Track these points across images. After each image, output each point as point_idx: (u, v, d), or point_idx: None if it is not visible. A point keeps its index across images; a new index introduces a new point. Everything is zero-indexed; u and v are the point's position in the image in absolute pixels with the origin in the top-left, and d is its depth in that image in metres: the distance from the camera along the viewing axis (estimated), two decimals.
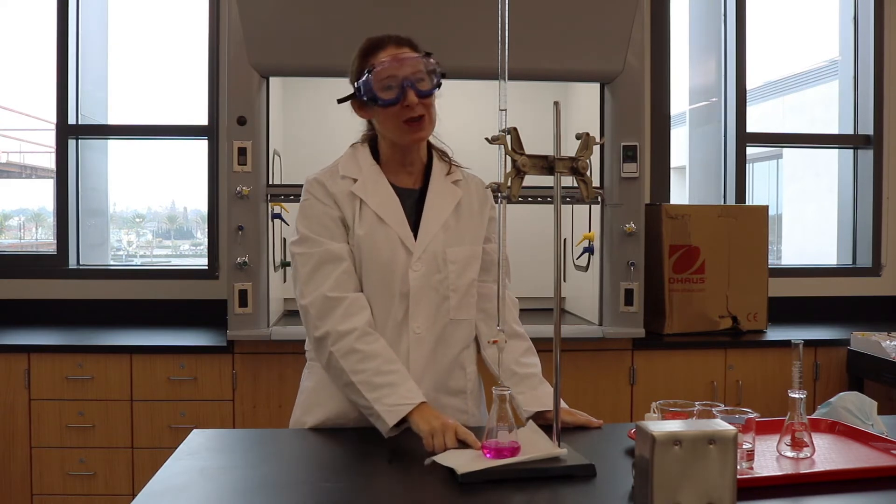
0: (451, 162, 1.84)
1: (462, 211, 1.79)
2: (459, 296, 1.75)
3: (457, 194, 1.78)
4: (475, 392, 1.84)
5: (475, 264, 1.78)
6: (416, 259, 1.71)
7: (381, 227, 1.71)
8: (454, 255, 1.74)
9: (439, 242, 1.74)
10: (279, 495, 1.31)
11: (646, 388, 3.19)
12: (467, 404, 1.80)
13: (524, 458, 1.39)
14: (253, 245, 2.99)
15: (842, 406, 1.77)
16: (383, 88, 1.67)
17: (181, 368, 3.08)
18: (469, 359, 1.82)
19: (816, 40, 7.65)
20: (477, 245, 1.79)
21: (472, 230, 1.79)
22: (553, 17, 3.00)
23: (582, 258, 3.42)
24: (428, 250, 1.72)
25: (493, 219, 1.84)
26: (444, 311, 1.74)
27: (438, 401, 1.74)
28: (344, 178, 1.75)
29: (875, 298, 4.03)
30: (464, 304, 1.77)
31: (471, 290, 1.78)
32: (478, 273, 1.80)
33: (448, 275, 1.73)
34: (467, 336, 1.80)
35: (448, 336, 1.75)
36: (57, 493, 3.06)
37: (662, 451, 1.13)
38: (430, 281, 1.72)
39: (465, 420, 1.77)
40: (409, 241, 1.72)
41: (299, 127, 3.56)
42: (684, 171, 4.42)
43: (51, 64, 3.74)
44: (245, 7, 2.93)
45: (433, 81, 1.69)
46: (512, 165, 1.42)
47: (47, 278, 3.72)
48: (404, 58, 1.66)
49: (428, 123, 1.71)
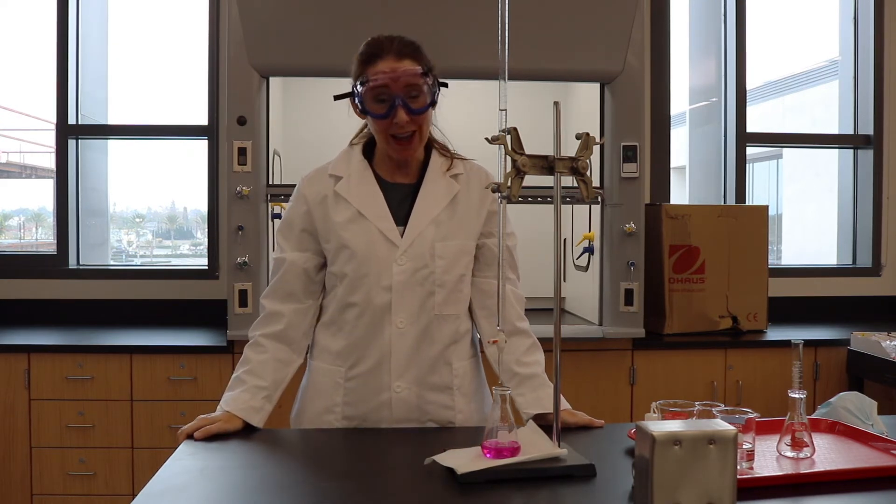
0: (452, 156, 1.83)
1: (458, 206, 1.77)
2: (446, 291, 1.74)
3: (453, 189, 1.77)
4: (465, 388, 1.80)
5: (465, 259, 1.77)
6: (402, 253, 1.72)
7: (360, 222, 1.73)
8: (443, 250, 1.73)
9: (428, 237, 1.73)
10: (279, 495, 1.31)
11: (646, 388, 3.19)
12: (454, 400, 1.77)
13: (524, 458, 1.39)
14: (253, 245, 2.99)
15: (842, 406, 1.77)
16: (375, 101, 1.67)
17: (181, 368, 3.08)
18: (458, 354, 1.79)
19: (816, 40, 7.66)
20: (470, 240, 1.78)
21: (467, 225, 1.77)
22: (553, 17, 3.00)
23: (582, 258, 3.42)
24: (415, 244, 1.72)
25: (494, 212, 1.81)
26: (429, 306, 1.73)
27: (423, 396, 1.74)
28: (331, 176, 1.78)
29: (875, 298, 4.03)
30: (451, 299, 1.75)
31: (459, 286, 1.76)
32: (468, 268, 1.78)
33: (435, 269, 1.73)
34: (454, 332, 1.77)
35: (433, 331, 1.74)
36: (57, 493, 3.06)
37: (662, 451, 1.13)
38: (416, 275, 1.72)
39: (452, 416, 1.77)
40: (392, 235, 1.72)
41: (299, 127, 3.56)
42: (684, 171, 4.42)
43: (51, 64, 3.74)
44: (245, 7, 2.93)
45: (429, 98, 1.68)
46: (512, 165, 1.41)
47: (47, 278, 3.72)
48: (399, 74, 1.64)
49: (418, 140, 1.72)
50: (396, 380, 1.72)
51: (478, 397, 1.83)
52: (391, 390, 1.72)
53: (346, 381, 1.75)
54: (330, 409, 1.76)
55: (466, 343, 1.82)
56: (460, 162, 1.82)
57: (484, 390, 1.87)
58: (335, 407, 1.75)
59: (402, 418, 1.73)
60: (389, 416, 1.73)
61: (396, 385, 1.72)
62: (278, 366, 1.75)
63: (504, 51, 1.45)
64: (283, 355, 1.76)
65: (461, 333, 1.79)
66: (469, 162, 1.84)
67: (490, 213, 1.81)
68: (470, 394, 1.81)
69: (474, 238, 1.79)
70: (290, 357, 1.78)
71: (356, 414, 1.75)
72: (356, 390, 1.74)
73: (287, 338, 1.77)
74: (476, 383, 1.84)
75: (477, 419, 1.81)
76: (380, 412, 1.73)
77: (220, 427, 1.64)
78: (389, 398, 1.72)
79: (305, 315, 1.79)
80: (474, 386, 1.83)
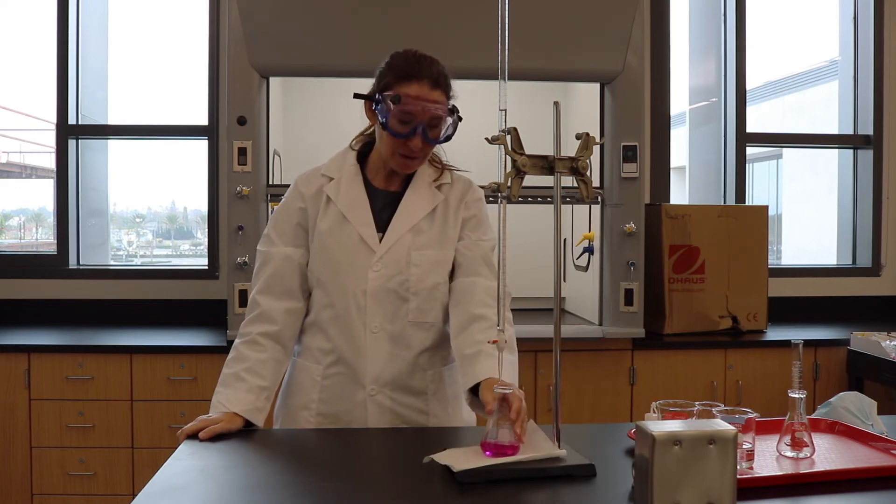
0: (443, 167, 1.84)
1: (437, 215, 1.78)
2: (420, 299, 1.75)
3: (436, 199, 1.78)
4: (440, 394, 1.80)
5: (441, 268, 1.77)
6: (378, 259, 1.73)
7: (344, 226, 1.75)
8: (418, 259, 1.75)
9: (405, 245, 1.74)
10: (279, 495, 1.31)
11: (646, 388, 3.19)
12: (428, 406, 1.78)
13: (524, 458, 1.39)
14: (253, 245, 2.95)
15: (842, 406, 1.77)
16: (399, 122, 1.68)
17: (181, 368, 3.08)
18: (434, 361, 1.79)
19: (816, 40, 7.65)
20: (448, 249, 1.78)
21: (444, 235, 1.78)
22: (553, 17, 3.00)
23: (582, 258, 3.42)
24: (392, 252, 1.74)
25: (468, 218, 1.80)
26: (402, 313, 1.74)
27: (397, 399, 1.75)
28: (324, 176, 1.80)
29: (875, 298, 4.03)
30: (425, 307, 1.75)
31: (434, 294, 1.76)
32: (443, 277, 1.77)
33: (409, 277, 1.74)
34: (428, 339, 1.77)
35: (407, 337, 1.75)
36: (57, 493, 3.06)
37: (662, 451, 1.13)
38: (390, 282, 1.74)
39: (426, 421, 1.78)
40: (371, 241, 1.74)
41: (299, 127, 3.56)
42: (684, 171, 4.42)
43: (51, 64, 3.74)
44: (245, 7, 2.93)
45: (445, 132, 1.71)
46: (512, 165, 1.42)
47: (47, 278, 3.72)
48: (430, 106, 1.67)
49: (422, 159, 1.74)
50: (371, 383, 1.74)
51: (455, 403, 1.83)
52: (366, 392, 1.74)
53: (324, 380, 1.77)
54: (306, 405, 1.78)
55: (443, 350, 1.81)
56: (449, 173, 1.84)
57: (461, 396, 1.85)
58: (311, 404, 1.78)
59: (375, 420, 1.74)
60: (363, 417, 1.74)
61: (371, 388, 1.74)
62: (276, 367, 1.76)
63: (504, 51, 1.45)
64: (280, 356, 1.77)
65: (437, 341, 1.79)
66: (457, 174, 1.85)
67: (464, 220, 1.80)
68: (446, 399, 1.81)
69: (451, 247, 1.79)
70: (283, 358, 1.78)
71: (330, 412, 1.77)
72: (332, 389, 1.77)
73: (282, 339, 1.77)
74: (453, 389, 1.83)
75: (455, 425, 1.81)
76: (353, 413, 1.75)
77: (224, 427, 1.64)
78: (364, 400, 1.74)
79: (298, 317, 1.80)
80: (450, 392, 1.83)
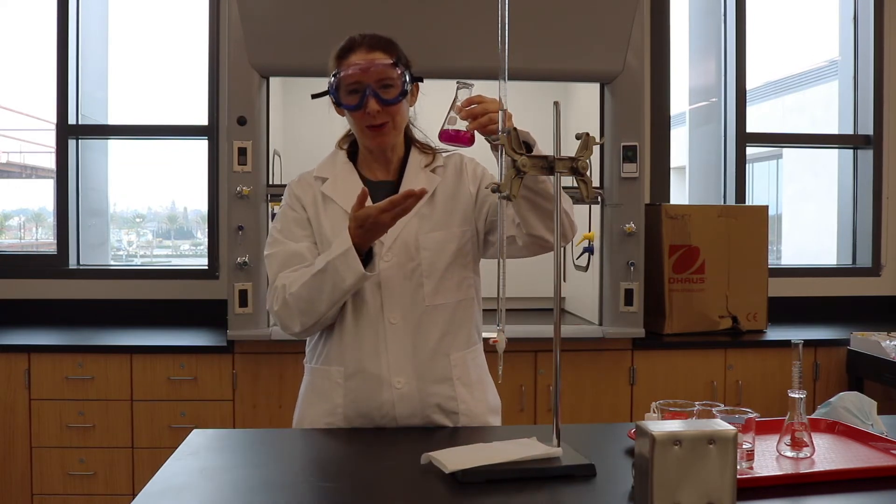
0: (434, 152, 1.84)
1: (438, 197, 1.78)
2: (434, 282, 1.74)
3: (433, 182, 1.78)
4: (466, 378, 1.78)
5: (451, 248, 1.76)
6: (387, 249, 1.73)
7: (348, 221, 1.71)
8: (427, 242, 1.74)
9: (411, 230, 1.74)
10: (279, 495, 1.31)
11: (646, 388, 3.19)
12: (455, 391, 1.76)
13: (523, 458, 1.39)
14: (253, 245, 2.99)
15: (842, 406, 1.77)
16: (347, 93, 1.70)
17: (181, 368, 3.08)
18: (456, 345, 1.77)
19: (816, 40, 7.65)
20: (455, 227, 1.77)
21: (450, 214, 1.78)
22: (553, 17, 3.00)
23: (582, 258, 3.42)
24: (399, 239, 1.73)
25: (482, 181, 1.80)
26: (419, 299, 1.74)
27: (423, 389, 1.73)
28: (317, 178, 1.81)
29: (875, 298, 4.03)
30: (440, 289, 1.75)
31: (447, 275, 1.76)
32: (456, 257, 1.77)
33: (421, 262, 1.74)
34: (448, 321, 1.76)
35: (426, 323, 1.74)
36: (57, 493, 3.06)
37: (662, 451, 1.13)
38: (403, 270, 1.73)
39: (455, 407, 1.75)
40: None
41: (299, 127, 3.56)
42: (684, 171, 4.42)
43: (51, 64, 3.74)
44: (245, 7, 2.93)
45: (401, 89, 1.70)
46: (512, 165, 1.42)
47: (47, 278, 3.72)
48: (368, 65, 1.68)
49: (391, 129, 1.74)
50: (396, 375, 1.72)
51: (480, 387, 1.81)
52: (392, 387, 1.72)
53: (346, 381, 1.74)
54: (331, 411, 1.75)
55: (463, 333, 1.79)
56: (440, 156, 1.84)
57: (486, 380, 1.85)
58: (336, 409, 1.74)
59: (406, 413, 1.72)
60: (393, 412, 1.72)
61: (397, 381, 1.72)
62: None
63: (504, 51, 1.45)
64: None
65: (456, 323, 1.78)
66: (446, 154, 1.85)
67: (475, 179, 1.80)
68: (471, 384, 1.79)
69: (461, 224, 1.78)
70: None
71: (358, 413, 1.74)
72: (356, 389, 1.74)
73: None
74: (477, 373, 1.82)
75: (482, 409, 1.80)
76: (382, 409, 1.72)
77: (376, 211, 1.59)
78: (391, 395, 1.72)
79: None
80: (475, 376, 1.81)
